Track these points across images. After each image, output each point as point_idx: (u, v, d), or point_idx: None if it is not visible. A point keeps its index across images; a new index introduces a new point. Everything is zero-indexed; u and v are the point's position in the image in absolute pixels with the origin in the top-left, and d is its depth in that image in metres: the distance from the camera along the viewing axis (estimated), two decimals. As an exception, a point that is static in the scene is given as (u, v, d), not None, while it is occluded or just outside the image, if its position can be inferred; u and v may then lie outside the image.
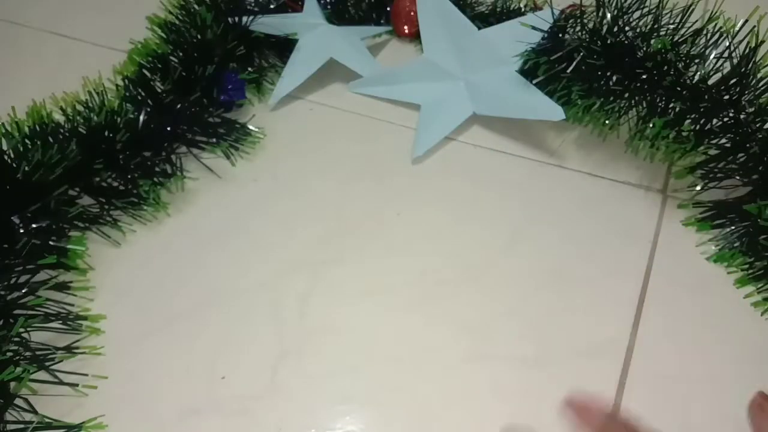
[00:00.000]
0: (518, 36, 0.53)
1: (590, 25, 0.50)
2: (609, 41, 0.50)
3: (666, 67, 0.48)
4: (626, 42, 0.50)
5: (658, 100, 0.49)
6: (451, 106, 0.56)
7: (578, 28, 0.52)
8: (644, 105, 0.49)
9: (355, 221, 0.50)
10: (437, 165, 0.54)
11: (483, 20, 0.60)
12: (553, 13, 0.53)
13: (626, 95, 0.49)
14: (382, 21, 0.66)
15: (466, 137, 0.56)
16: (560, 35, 0.53)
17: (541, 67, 0.51)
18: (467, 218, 0.50)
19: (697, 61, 0.48)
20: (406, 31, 0.64)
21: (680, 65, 0.48)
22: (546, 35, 0.53)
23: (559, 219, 0.50)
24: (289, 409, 0.40)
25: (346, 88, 0.60)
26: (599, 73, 0.50)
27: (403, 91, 0.59)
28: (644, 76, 0.49)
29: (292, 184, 0.53)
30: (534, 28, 0.52)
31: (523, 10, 0.60)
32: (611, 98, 0.50)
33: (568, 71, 0.50)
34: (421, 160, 0.54)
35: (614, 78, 0.49)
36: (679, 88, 0.48)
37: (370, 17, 0.65)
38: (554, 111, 0.51)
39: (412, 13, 0.63)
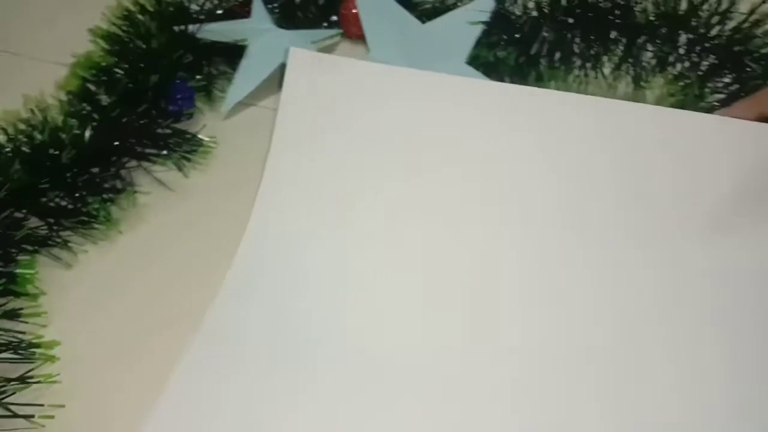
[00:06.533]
0: (463, 25, 0.54)
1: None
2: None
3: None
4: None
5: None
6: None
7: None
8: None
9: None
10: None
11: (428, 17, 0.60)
12: None
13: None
14: (332, 24, 0.65)
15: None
16: (509, 16, 0.54)
17: (510, 56, 0.53)
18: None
19: None
20: (357, 32, 0.64)
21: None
22: (490, 21, 0.54)
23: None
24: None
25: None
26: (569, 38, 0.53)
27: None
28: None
29: (250, 192, 0.52)
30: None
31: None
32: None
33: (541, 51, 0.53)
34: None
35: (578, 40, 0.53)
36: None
37: (319, 20, 0.65)
38: None
39: (360, 15, 0.62)
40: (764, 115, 0.46)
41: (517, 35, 0.54)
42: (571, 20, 0.53)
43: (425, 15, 0.59)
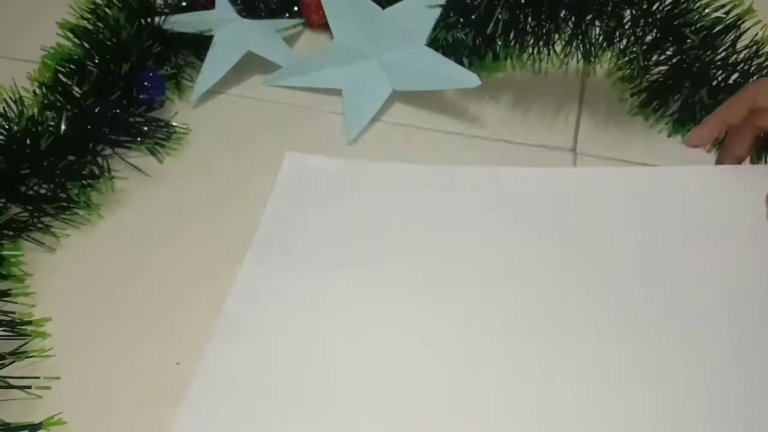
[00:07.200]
0: (421, 9, 0.57)
1: None
2: None
3: None
4: None
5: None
6: (372, 86, 0.58)
7: None
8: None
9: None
10: (365, 146, 0.56)
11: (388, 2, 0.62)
12: None
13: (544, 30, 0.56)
14: (294, 13, 0.67)
15: (388, 116, 0.58)
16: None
17: (468, 37, 0.56)
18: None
19: None
20: (318, 21, 0.66)
21: None
22: (447, 4, 0.57)
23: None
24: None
25: (264, 82, 0.61)
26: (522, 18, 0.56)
27: (322, 78, 0.61)
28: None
29: (223, 177, 0.54)
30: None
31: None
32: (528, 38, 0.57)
33: (496, 31, 0.56)
34: (351, 142, 0.56)
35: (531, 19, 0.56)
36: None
37: (281, 9, 0.67)
38: (469, 78, 0.54)
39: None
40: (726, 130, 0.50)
41: (473, 17, 0.57)
42: (523, 0, 0.56)
43: (385, 0, 0.61)
